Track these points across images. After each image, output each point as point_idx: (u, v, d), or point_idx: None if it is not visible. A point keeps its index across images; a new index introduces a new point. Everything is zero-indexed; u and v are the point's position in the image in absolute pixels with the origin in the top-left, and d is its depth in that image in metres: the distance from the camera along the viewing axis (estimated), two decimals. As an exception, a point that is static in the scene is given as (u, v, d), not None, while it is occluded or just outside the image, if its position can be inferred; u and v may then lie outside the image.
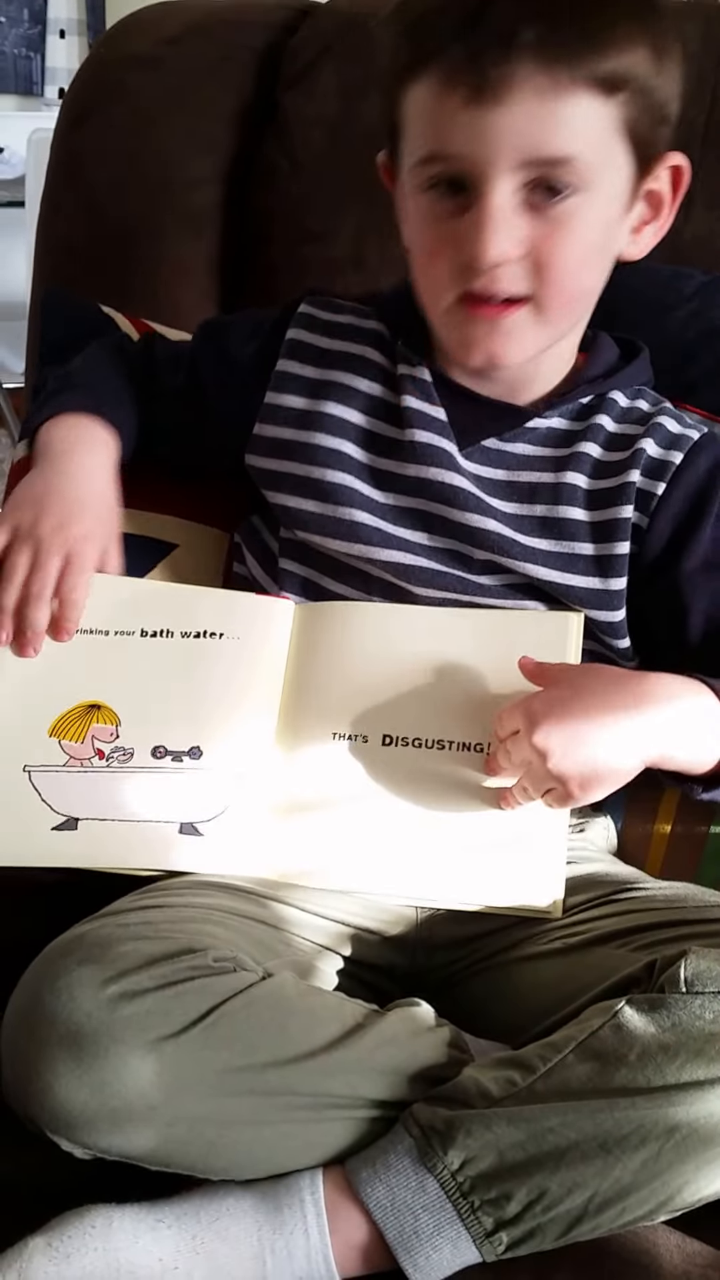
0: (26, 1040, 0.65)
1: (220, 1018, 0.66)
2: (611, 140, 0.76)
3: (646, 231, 0.83)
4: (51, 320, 1.10)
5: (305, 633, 0.86)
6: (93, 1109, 0.64)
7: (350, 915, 0.82)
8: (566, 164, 0.75)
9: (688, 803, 0.89)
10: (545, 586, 0.85)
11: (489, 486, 0.86)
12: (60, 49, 3.16)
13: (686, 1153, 0.64)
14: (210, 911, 0.74)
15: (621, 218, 0.81)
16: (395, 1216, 0.65)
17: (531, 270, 0.78)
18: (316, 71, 1.15)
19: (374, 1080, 0.69)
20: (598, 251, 0.81)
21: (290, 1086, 0.67)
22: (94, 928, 0.69)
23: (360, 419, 0.89)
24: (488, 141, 0.74)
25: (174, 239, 1.14)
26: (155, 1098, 0.64)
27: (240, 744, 0.82)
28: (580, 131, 0.75)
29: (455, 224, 0.77)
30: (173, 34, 1.19)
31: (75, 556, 0.84)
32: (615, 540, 0.84)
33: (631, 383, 0.90)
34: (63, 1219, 0.65)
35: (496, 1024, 0.76)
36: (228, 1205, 0.66)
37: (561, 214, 0.76)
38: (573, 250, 0.78)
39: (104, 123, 1.17)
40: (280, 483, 0.89)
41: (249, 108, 1.17)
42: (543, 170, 0.75)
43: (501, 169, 0.75)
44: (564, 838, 0.81)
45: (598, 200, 0.77)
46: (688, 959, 0.67)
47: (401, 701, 0.83)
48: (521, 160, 0.75)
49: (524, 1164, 0.65)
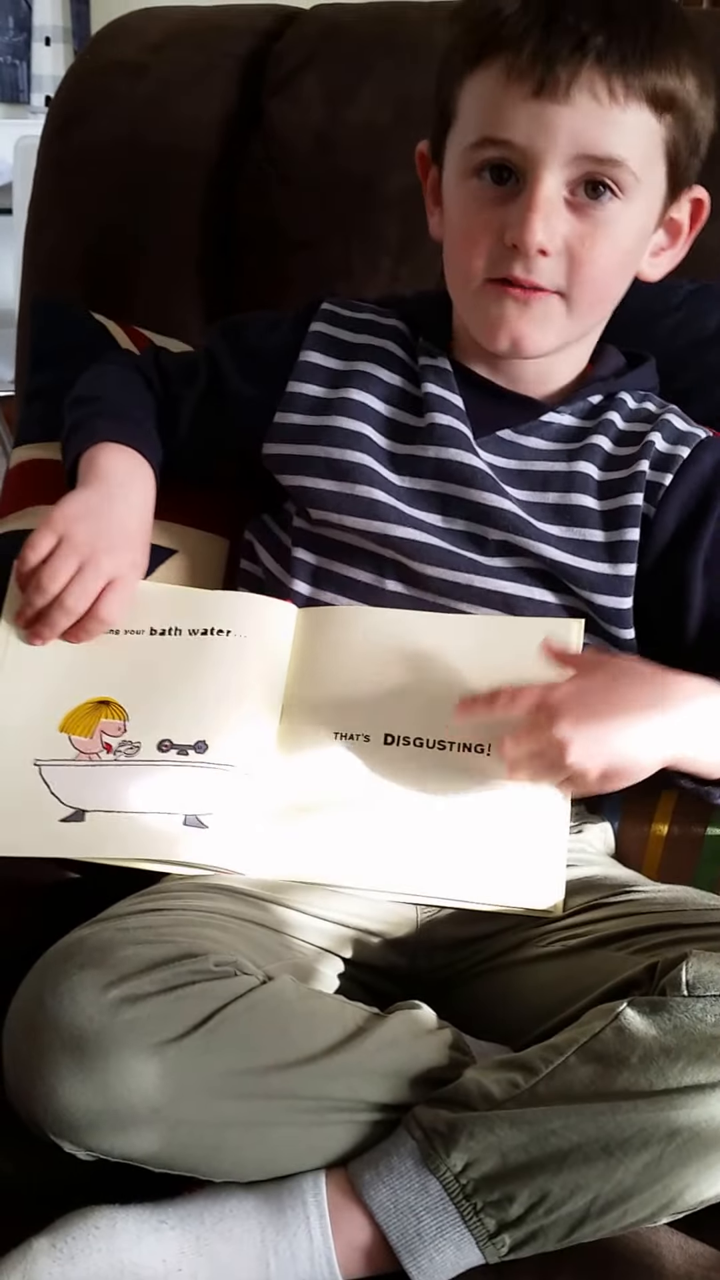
0: (29, 1045, 0.65)
1: (221, 1022, 0.65)
2: (655, 155, 0.82)
3: (664, 257, 0.89)
4: (42, 328, 1.09)
5: (308, 635, 0.87)
6: (95, 1112, 0.64)
7: (351, 917, 0.81)
8: (615, 165, 0.80)
9: (685, 804, 0.89)
10: (556, 570, 0.86)
11: (502, 474, 0.88)
12: (46, 56, 3.12)
13: (688, 1156, 0.64)
14: (210, 915, 0.74)
15: (649, 234, 0.86)
16: (398, 1218, 0.65)
17: (568, 266, 0.82)
18: (301, 77, 1.15)
19: (375, 1083, 0.68)
20: (628, 258, 0.85)
21: (292, 1090, 0.67)
22: (94, 932, 0.69)
23: (381, 406, 0.91)
24: (547, 133, 0.79)
25: (160, 246, 1.14)
26: (157, 1101, 0.64)
27: (245, 739, 0.83)
28: (630, 140, 0.80)
29: (499, 210, 0.82)
30: (157, 41, 1.19)
31: (120, 581, 0.86)
32: (625, 527, 0.86)
33: (639, 386, 0.92)
34: (66, 1220, 0.65)
35: (497, 1026, 0.76)
36: (231, 1206, 0.66)
37: (602, 216, 0.81)
38: (608, 252, 0.82)
39: (90, 130, 1.16)
40: (299, 465, 0.90)
41: (234, 114, 1.16)
42: (592, 168, 0.80)
43: (554, 161, 0.80)
44: (564, 838, 0.80)
45: (635, 209, 0.83)
46: (689, 962, 0.67)
47: (403, 702, 0.83)
48: (574, 155, 0.79)
49: (526, 1166, 0.65)
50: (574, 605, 0.86)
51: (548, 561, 0.86)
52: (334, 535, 0.90)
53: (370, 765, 0.82)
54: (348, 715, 0.83)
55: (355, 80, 1.13)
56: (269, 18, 1.20)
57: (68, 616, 0.84)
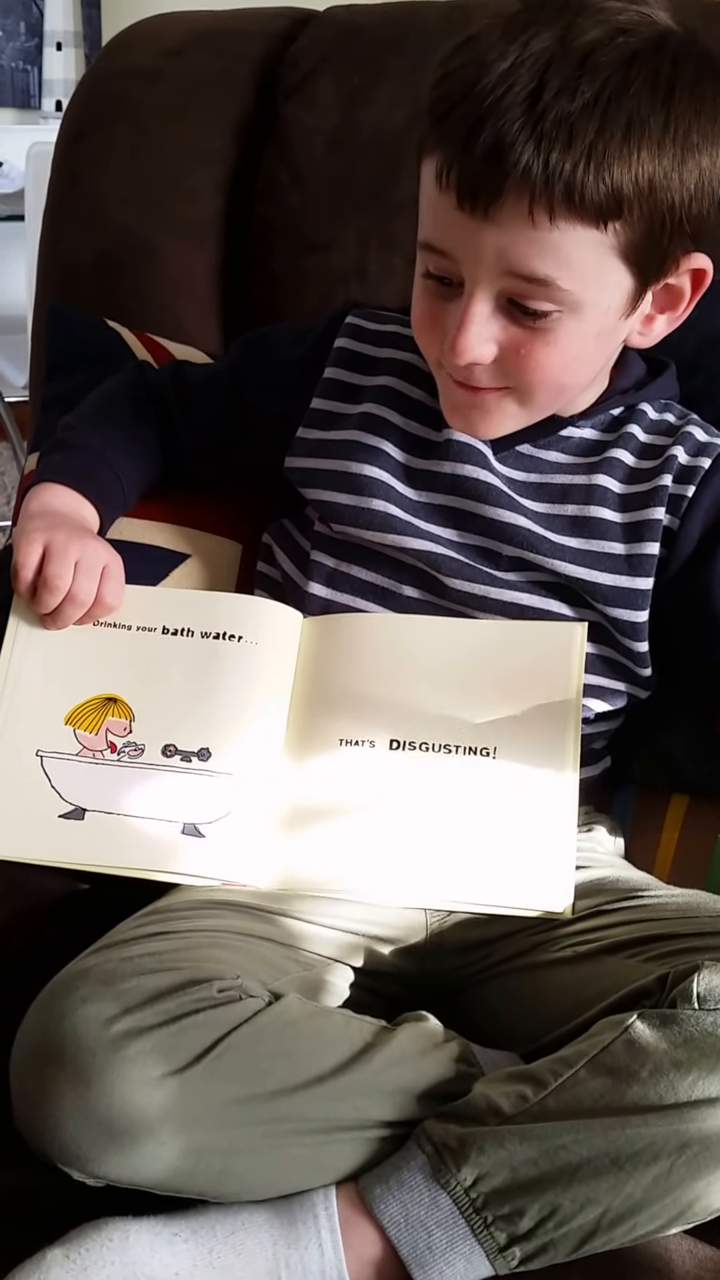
0: (34, 1076, 0.65)
1: (226, 1050, 0.65)
2: (605, 264, 0.74)
3: (659, 321, 0.82)
4: (58, 336, 1.08)
5: (313, 643, 0.86)
6: (101, 1144, 0.63)
7: (361, 924, 0.80)
8: (547, 286, 0.74)
9: (697, 807, 0.88)
10: (572, 584, 0.84)
11: (520, 488, 0.86)
12: (57, 61, 3.12)
13: (698, 1169, 0.63)
14: (216, 935, 0.73)
15: (619, 321, 0.79)
16: (409, 1232, 0.64)
17: (512, 369, 0.78)
18: (315, 80, 1.13)
19: (382, 1102, 0.67)
20: (585, 355, 0.79)
21: (299, 1113, 0.66)
22: (99, 962, 0.68)
23: (400, 420, 0.89)
24: (475, 250, 0.74)
25: (176, 251, 1.13)
26: (163, 1132, 0.63)
27: (249, 748, 0.82)
28: (567, 259, 0.73)
29: (445, 307, 0.78)
30: (172, 46, 1.17)
31: (110, 568, 0.85)
32: (646, 540, 0.84)
33: (659, 396, 0.89)
34: (80, 1231, 0.64)
35: (507, 1031, 0.75)
36: (243, 1220, 0.65)
37: (541, 326, 0.76)
38: (553, 359, 0.77)
39: (105, 136, 1.15)
40: (317, 479, 0.89)
41: (249, 118, 1.15)
42: (523, 288, 0.74)
43: (484, 277, 0.74)
44: (573, 839, 0.79)
45: (585, 317, 0.76)
46: (700, 974, 0.66)
47: (407, 708, 0.82)
48: (504, 271, 0.74)
49: (536, 1180, 0.64)
50: (590, 618, 0.85)
51: (562, 576, 0.84)
52: (354, 542, 0.89)
53: (376, 772, 0.81)
54: (353, 722, 0.82)
55: (370, 82, 1.11)
56: (283, 21, 1.18)
57: (78, 608, 0.84)
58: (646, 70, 0.71)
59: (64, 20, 3.09)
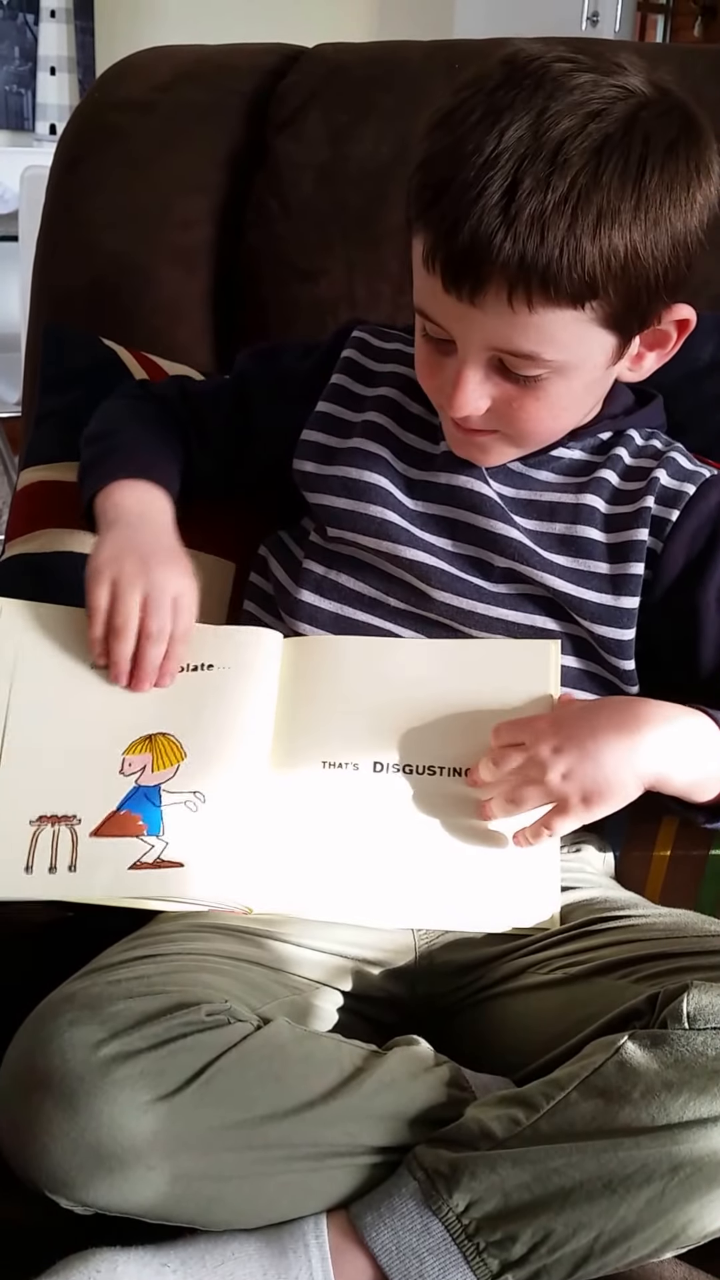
0: (21, 1103, 0.62)
1: (215, 1074, 0.62)
2: (586, 335, 0.75)
3: (649, 358, 0.82)
4: (53, 353, 1.06)
5: (293, 665, 0.84)
6: (89, 1170, 0.60)
7: (350, 947, 0.78)
8: (533, 359, 0.75)
9: (687, 828, 0.86)
10: (560, 599, 0.83)
11: (511, 504, 0.86)
12: (51, 86, 3.12)
13: (691, 1191, 0.61)
14: (204, 959, 0.71)
15: (607, 369, 0.80)
16: (400, 1260, 0.62)
17: (505, 418, 0.79)
18: (304, 116, 1.13)
19: (373, 1127, 0.65)
20: (574, 404, 0.81)
21: (288, 1138, 0.63)
22: (85, 986, 0.66)
23: (400, 432, 0.89)
24: (462, 327, 0.76)
25: (168, 277, 1.12)
26: (152, 1158, 0.61)
27: (231, 774, 0.79)
28: (549, 337, 0.74)
29: (443, 361, 0.79)
30: (165, 80, 1.16)
31: (182, 597, 0.83)
32: (630, 560, 0.83)
33: (647, 424, 0.89)
34: (67, 1263, 0.61)
35: (498, 1054, 0.72)
36: (233, 1249, 0.62)
37: (531, 383, 0.77)
38: (543, 413, 0.79)
39: (99, 165, 1.14)
40: (320, 483, 0.89)
41: (239, 150, 1.14)
42: (510, 361, 0.76)
43: (473, 350, 0.76)
44: (557, 854, 0.78)
45: (573, 375, 0.78)
46: (690, 994, 0.63)
47: (389, 729, 0.81)
48: (491, 346, 0.76)
49: (529, 1205, 0.61)
50: (576, 634, 0.84)
51: (551, 590, 0.83)
52: (347, 551, 0.88)
53: (359, 794, 0.79)
54: (335, 745, 0.80)
55: (357, 118, 1.11)
56: (274, 57, 1.18)
57: (157, 644, 0.81)
58: (617, 156, 0.71)
59: (58, 45, 3.08)
